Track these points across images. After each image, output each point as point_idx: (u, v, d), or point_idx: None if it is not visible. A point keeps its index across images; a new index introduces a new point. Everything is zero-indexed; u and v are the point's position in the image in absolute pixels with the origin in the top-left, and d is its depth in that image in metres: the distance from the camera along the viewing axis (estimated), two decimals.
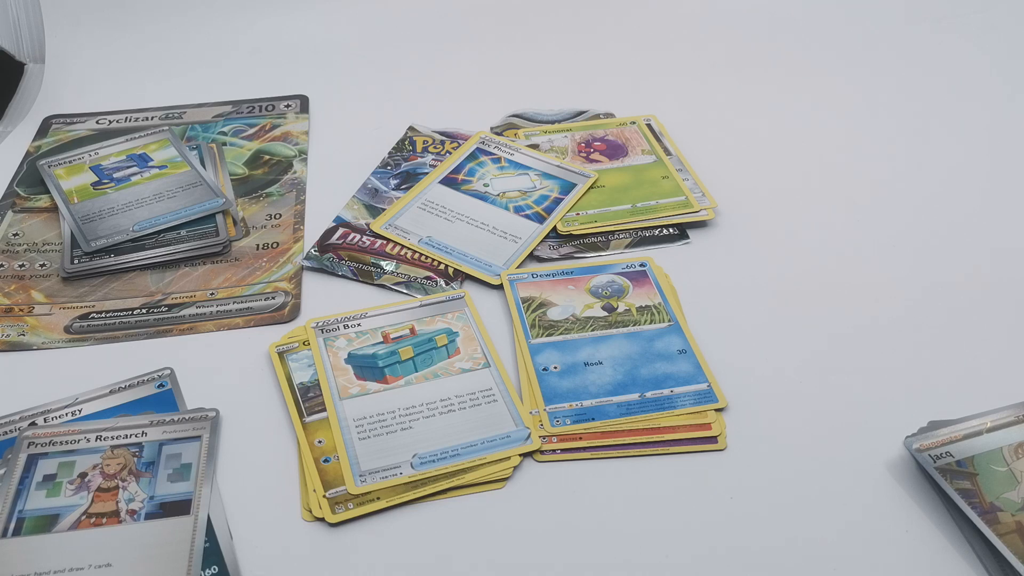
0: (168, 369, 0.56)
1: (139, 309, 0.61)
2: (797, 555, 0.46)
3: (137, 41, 0.89)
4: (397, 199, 0.70)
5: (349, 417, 0.52)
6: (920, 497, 0.49)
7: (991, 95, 0.84)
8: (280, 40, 0.91)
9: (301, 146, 0.77)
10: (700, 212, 0.68)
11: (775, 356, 0.57)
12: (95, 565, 0.44)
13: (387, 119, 0.80)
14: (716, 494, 0.49)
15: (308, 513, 0.48)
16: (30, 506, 0.47)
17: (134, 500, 0.48)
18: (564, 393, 0.54)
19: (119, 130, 0.79)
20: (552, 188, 0.71)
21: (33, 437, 0.51)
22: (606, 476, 0.50)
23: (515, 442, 0.51)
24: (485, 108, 0.82)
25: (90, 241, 0.65)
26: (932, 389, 0.55)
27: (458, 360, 0.56)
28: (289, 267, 0.64)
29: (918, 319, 0.60)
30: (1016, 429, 0.50)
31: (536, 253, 0.65)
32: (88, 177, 0.72)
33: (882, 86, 0.86)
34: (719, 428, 0.52)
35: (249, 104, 0.83)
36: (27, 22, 0.86)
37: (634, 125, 0.79)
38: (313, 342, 0.57)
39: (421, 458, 0.50)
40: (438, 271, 0.63)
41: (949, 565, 0.45)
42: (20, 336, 0.59)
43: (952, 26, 0.95)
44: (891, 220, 0.69)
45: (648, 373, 0.55)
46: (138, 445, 0.50)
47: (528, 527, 0.47)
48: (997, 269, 0.64)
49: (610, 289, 0.62)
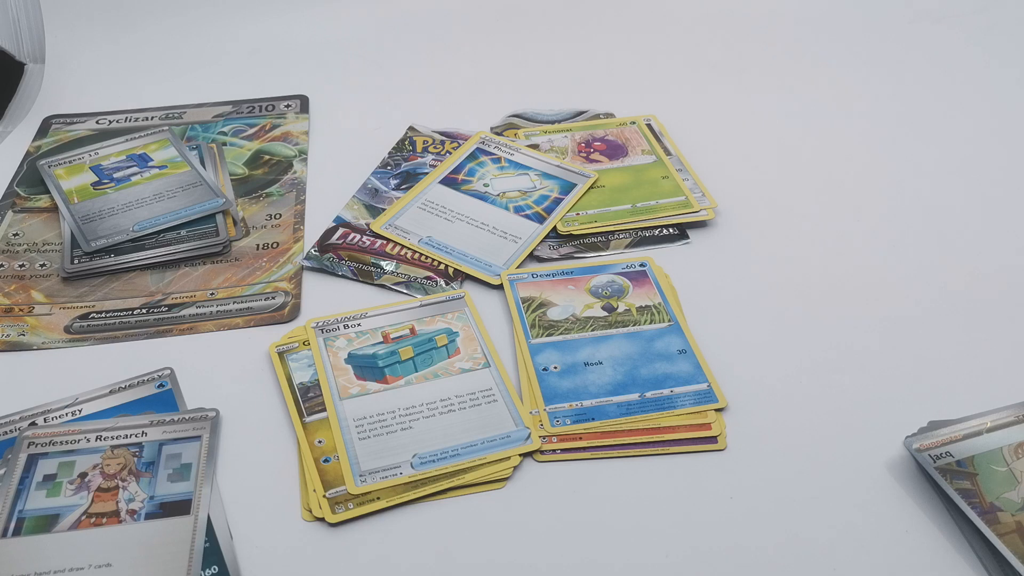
0: (168, 369, 0.56)
1: (139, 309, 0.61)
2: (797, 555, 0.46)
3: (137, 41, 0.89)
4: (397, 199, 0.70)
5: (349, 417, 0.52)
6: (920, 497, 0.49)
7: (991, 95, 0.84)
8: (280, 40, 0.91)
9: (301, 146, 0.77)
10: (700, 212, 0.68)
11: (775, 356, 0.57)
12: (95, 565, 0.44)
13: (387, 119, 0.80)
14: (716, 494, 0.49)
15: (308, 513, 0.48)
16: (30, 506, 0.47)
17: (134, 500, 0.48)
18: (564, 393, 0.54)
19: (119, 130, 0.79)
20: (552, 188, 0.71)
21: (33, 437, 0.51)
22: (606, 476, 0.50)
23: (515, 442, 0.51)
24: (485, 108, 0.82)
25: (90, 241, 0.65)
26: (932, 389, 0.55)
27: (458, 360, 0.56)
28: (289, 267, 0.64)
29: (918, 319, 0.60)
30: (1016, 429, 0.50)
31: (536, 253, 0.65)
32: (88, 177, 0.72)
33: (882, 86, 0.86)
34: (719, 428, 0.52)
35: (249, 104, 0.83)
36: (27, 22, 0.86)
37: (634, 125, 0.79)
38: (313, 342, 0.57)
39: (421, 458, 0.50)
40: (438, 271, 0.63)
41: (949, 565, 0.45)
42: (20, 336, 0.59)
43: (952, 26, 0.95)
44: (891, 220, 0.69)
45: (648, 373, 0.55)
46: (138, 445, 0.50)
47: (528, 527, 0.47)
48: (997, 269, 0.64)
49: (610, 289, 0.62)
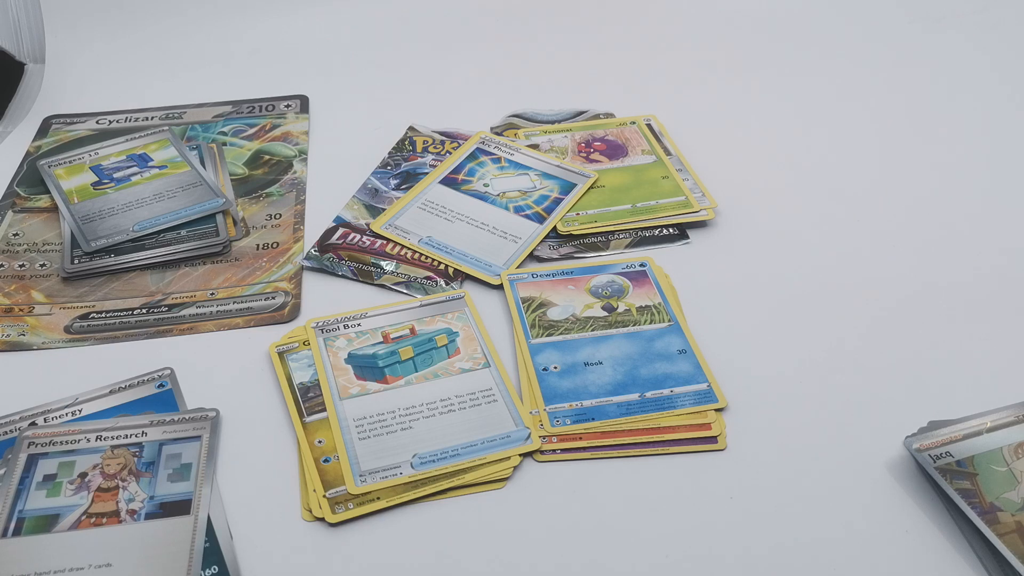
0: (168, 369, 0.56)
1: (139, 309, 0.61)
2: (797, 555, 0.46)
3: (137, 41, 0.89)
4: (397, 199, 0.70)
5: (349, 417, 0.52)
6: (920, 497, 0.49)
7: (992, 95, 0.84)
8: (280, 40, 0.91)
9: (301, 146, 0.77)
10: (700, 212, 0.68)
11: (775, 356, 0.57)
12: (95, 565, 0.44)
13: (387, 119, 0.80)
14: (716, 494, 0.49)
15: (308, 513, 0.48)
16: (30, 506, 0.47)
17: (134, 500, 0.48)
18: (564, 393, 0.54)
19: (119, 130, 0.79)
20: (552, 188, 0.71)
21: (33, 437, 0.51)
22: (606, 476, 0.50)
23: (515, 442, 0.51)
24: (485, 108, 0.82)
25: (90, 241, 0.65)
26: (932, 389, 0.55)
27: (458, 360, 0.56)
28: (289, 267, 0.64)
29: (918, 319, 0.60)
30: (1016, 429, 0.50)
31: (536, 253, 0.65)
32: (88, 177, 0.72)
33: (882, 86, 0.86)
34: (719, 428, 0.52)
35: (249, 104, 0.83)
36: (27, 22, 0.86)
37: (634, 125, 0.79)
38: (313, 342, 0.57)
39: (421, 458, 0.50)
40: (438, 271, 0.63)
41: (949, 565, 0.45)
42: (20, 336, 0.59)
43: (952, 26, 0.95)
44: (891, 220, 0.69)
45: (648, 373, 0.55)
46: (138, 445, 0.50)
47: (528, 527, 0.47)
48: (997, 269, 0.64)
49: (610, 289, 0.62)
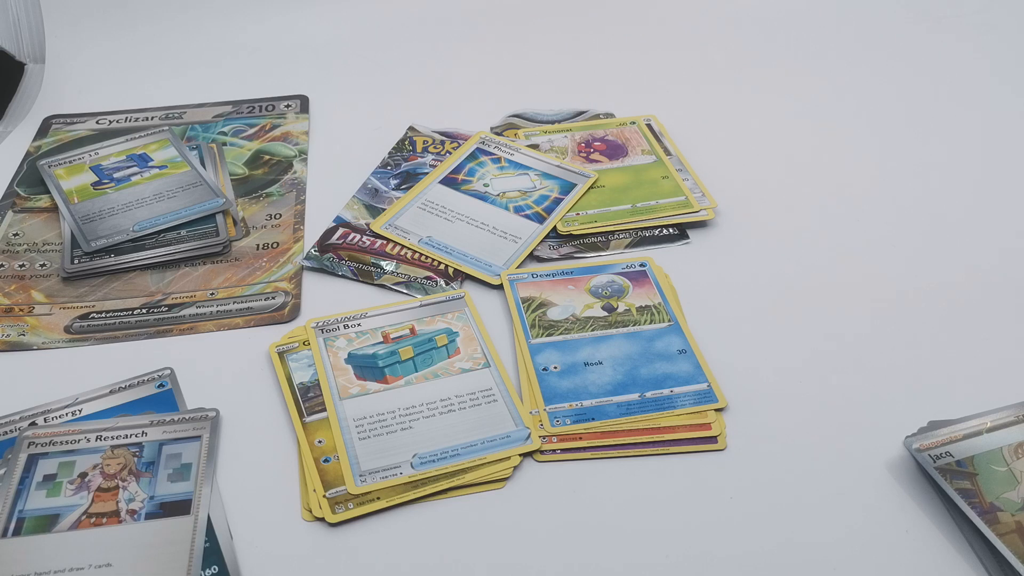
0: (168, 369, 0.56)
1: (139, 309, 0.61)
2: (797, 555, 0.46)
3: (137, 41, 0.89)
4: (397, 199, 0.70)
5: (349, 417, 0.52)
6: (920, 497, 0.49)
7: (992, 95, 0.84)
8: (280, 40, 0.91)
9: (301, 146, 0.77)
10: (700, 212, 0.68)
11: (775, 356, 0.57)
12: (95, 565, 0.44)
13: (387, 119, 0.80)
14: (716, 494, 0.49)
15: (308, 513, 0.48)
16: (30, 506, 0.47)
17: (134, 500, 0.48)
18: (564, 393, 0.54)
19: (119, 130, 0.79)
20: (552, 188, 0.71)
21: (33, 437, 0.51)
22: (606, 476, 0.50)
23: (515, 442, 0.51)
24: (485, 108, 0.82)
25: (90, 241, 0.65)
26: (932, 389, 0.55)
27: (458, 360, 0.56)
28: (289, 267, 0.64)
29: (918, 319, 0.60)
30: (1016, 429, 0.50)
31: (536, 253, 0.65)
32: (88, 177, 0.72)
33: (882, 86, 0.86)
34: (719, 428, 0.52)
35: (249, 104, 0.83)
36: (27, 22, 0.86)
37: (634, 125, 0.79)
38: (313, 342, 0.57)
39: (421, 458, 0.50)
40: (438, 271, 0.63)
41: (949, 565, 0.45)
42: (20, 336, 0.59)
43: (952, 26, 0.95)
44: (891, 220, 0.69)
45: (648, 373, 0.55)
46: (138, 445, 0.50)
47: (528, 527, 0.47)
48: (997, 269, 0.64)
49: (610, 289, 0.62)
